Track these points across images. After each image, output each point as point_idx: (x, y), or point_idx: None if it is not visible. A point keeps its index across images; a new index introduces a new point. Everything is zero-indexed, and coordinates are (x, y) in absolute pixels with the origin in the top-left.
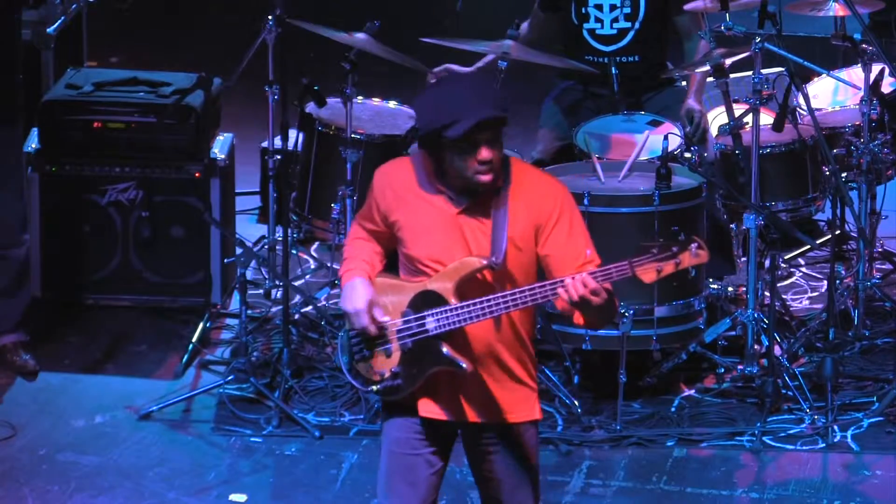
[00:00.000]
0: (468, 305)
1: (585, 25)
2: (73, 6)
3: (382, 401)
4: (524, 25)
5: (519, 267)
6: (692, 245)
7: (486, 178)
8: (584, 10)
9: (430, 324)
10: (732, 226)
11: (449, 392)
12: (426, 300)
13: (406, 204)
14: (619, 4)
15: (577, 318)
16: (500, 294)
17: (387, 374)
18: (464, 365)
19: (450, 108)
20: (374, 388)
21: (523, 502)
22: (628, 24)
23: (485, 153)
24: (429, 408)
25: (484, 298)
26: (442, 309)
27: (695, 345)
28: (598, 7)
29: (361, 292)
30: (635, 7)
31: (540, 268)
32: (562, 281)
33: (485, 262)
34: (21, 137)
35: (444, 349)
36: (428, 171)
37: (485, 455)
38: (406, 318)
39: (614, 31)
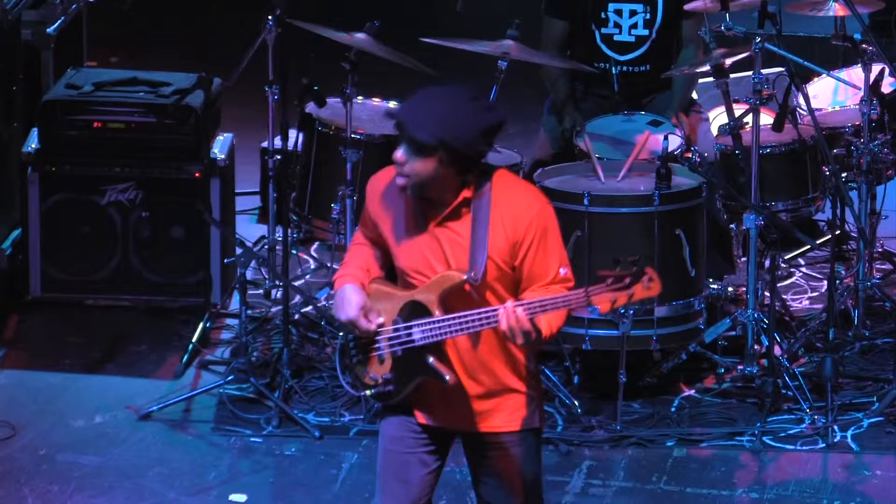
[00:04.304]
0: (448, 320)
1: (603, 30)
2: (73, 6)
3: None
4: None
5: (501, 281)
6: (644, 277)
7: (399, 181)
8: (602, 15)
9: (417, 334)
10: (732, 226)
11: (442, 400)
12: (413, 310)
13: (391, 214)
14: (639, 10)
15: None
16: (474, 311)
17: (380, 380)
18: (447, 377)
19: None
20: (368, 392)
21: None
22: (646, 32)
23: (397, 153)
24: (424, 414)
25: (460, 313)
26: (427, 320)
27: (695, 345)
28: (618, 12)
29: (352, 299)
30: (653, 13)
31: None
32: (503, 306)
33: (464, 276)
34: None
35: (430, 360)
36: None
37: (480, 461)
38: (396, 326)
39: (632, 39)
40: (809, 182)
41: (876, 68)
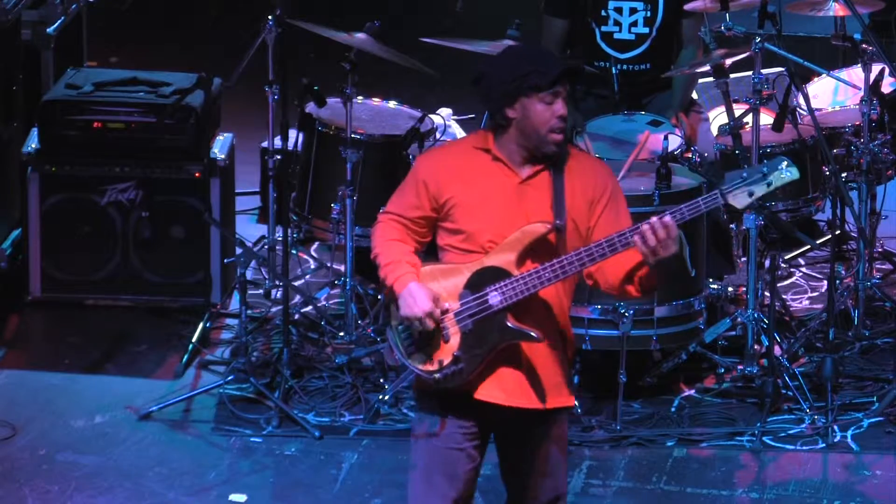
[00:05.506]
0: (536, 272)
1: (603, 28)
2: (73, 6)
3: (422, 395)
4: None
5: (576, 239)
6: (782, 164)
7: (558, 136)
8: (602, 13)
9: (494, 298)
10: (732, 226)
11: (499, 377)
12: (485, 277)
13: (461, 179)
14: (640, 8)
15: (634, 286)
16: (571, 253)
17: (447, 361)
18: (534, 334)
19: (533, 60)
20: (436, 376)
21: (553, 491)
22: (646, 30)
23: (561, 108)
24: (485, 392)
25: (554, 260)
26: (505, 282)
27: (695, 345)
28: (618, 10)
29: (422, 294)
30: (654, 11)
31: None
32: (639, 226)
33: (549, 225)
34: None
35: (510, 322)
36: (486, 143)
37: (522, 441)
38: (464, 300)
39: (632, 37)
40: (809, 182)
41: (876, 68)
